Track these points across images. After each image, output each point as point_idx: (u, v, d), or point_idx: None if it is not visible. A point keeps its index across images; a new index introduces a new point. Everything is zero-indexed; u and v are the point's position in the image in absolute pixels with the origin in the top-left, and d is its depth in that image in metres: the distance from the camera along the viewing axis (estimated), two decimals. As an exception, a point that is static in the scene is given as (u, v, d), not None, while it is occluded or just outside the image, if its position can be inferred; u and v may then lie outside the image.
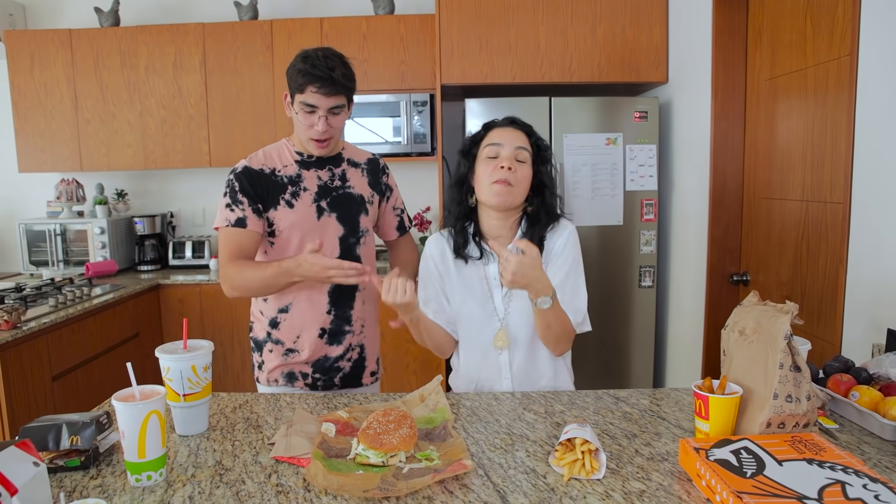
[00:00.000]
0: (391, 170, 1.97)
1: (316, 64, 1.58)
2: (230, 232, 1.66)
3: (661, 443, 1.19)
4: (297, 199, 1.70)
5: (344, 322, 1.77)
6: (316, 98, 1.59)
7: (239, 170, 1.69)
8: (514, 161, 1.50)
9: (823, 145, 2.00)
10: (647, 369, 3.15)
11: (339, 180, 1.76)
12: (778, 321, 1.15)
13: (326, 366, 1.78)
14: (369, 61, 3.47)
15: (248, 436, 1.25)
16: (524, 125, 1.59)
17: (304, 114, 1.62)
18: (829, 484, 0.91)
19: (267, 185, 1.68)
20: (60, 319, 2.56)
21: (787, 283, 2.24)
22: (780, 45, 2.27)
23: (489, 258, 1.58)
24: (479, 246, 1.59)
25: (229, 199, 1.67)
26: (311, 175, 1.73)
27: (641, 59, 3.08)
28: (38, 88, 3.56)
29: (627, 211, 3.03)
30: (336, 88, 1.60)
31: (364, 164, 1.83)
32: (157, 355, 1.22)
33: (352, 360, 1.81)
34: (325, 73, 1.58)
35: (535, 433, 1.25)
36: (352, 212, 1.75)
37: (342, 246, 1.74)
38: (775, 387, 1.11)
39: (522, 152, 1.52)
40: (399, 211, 1.93)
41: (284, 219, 1.69)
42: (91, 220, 3.57)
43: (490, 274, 1.58)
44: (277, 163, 1.72)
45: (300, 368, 1.77)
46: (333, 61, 1.61)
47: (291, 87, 1.63)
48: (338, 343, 1.77)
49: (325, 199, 1.72)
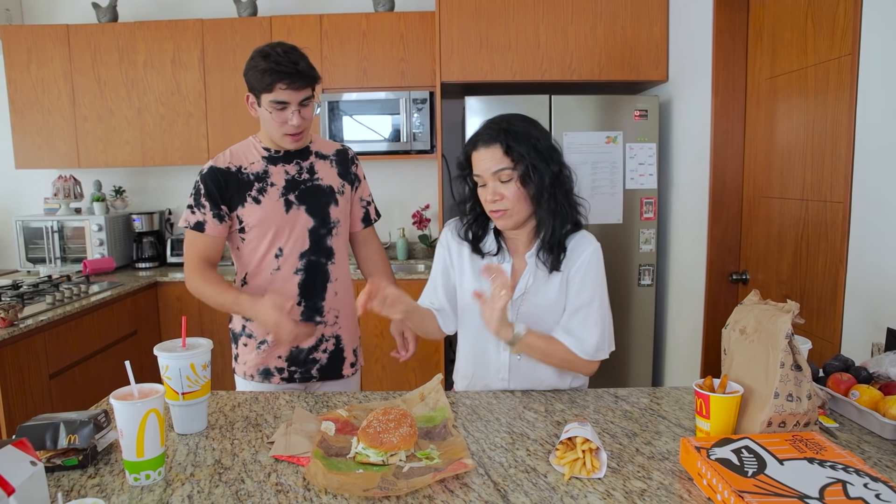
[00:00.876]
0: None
1: (280, 61, 1.58)
2: (191, 234, 1.72)
3: (662, 441, 1.19)
4: (263, 194, 1.71)
5: (315, 313, 1.77)
6: (287, 94, 1.60)
7: (205, 171, 1.70)
8: (498, 185, 1.42)
9: (824, 144, 2.00)
10: (647, 368, 3.15)
11: (308, 173, 1.76)
12: (779, 320, 1.15)
13: (301, 358, 1.78)
14: (369, 58, 3.46)
15: (248, 434, 1.24)
16: (497, 135, 1.42)
17: (276, 112, 1.62)
18: (830, 483, 0.91)
19: (233, 184, 1.70)
20: (58, 317, 2.55)
21: (787, 281, 2.24)
22: (780, 43, 2.26)
23: (505, 256, 1.54)
24: (499, 242, 1.54)
25: (192, 200, 1.71)
26: (279, 170, 1.73)
27: (642, 57, 3.08)
28: (34, 84, 3.55)
29: (627, 209, 3.03)
30: (305, 81, 1.62)
31: (332, 156, 1.83)
32: (156, 353, 1.22)
33: (327, 352, 1.81)
34: (292, 68, 1.59)
35: (535, 432, 1.24)
36: (321, 203, 1.76)
37: (312, 238, 1.75)
38: (776, 386, 1.11)
39: (503, 172, 1.41)
40: (366, 202, 1.92)
41: (252, 215, 1.70)
42: (89, 218, 3.56)
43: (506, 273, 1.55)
44: (244, 160, 1.73)
45: (275, 364, 1.78)
46: (294, 54, 1.62)
47: (256, 88, 1.63)
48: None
49: (293, 193, 1.73)
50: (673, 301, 3.07)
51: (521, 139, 1.41)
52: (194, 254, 1.71)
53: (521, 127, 1.44)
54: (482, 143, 1.44)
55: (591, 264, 1.48)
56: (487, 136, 1.43)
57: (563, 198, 1.46)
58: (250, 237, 1.73)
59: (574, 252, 1.49)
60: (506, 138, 1.41)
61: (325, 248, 1.77)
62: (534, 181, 1.41)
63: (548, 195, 1.43)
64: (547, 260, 1.47)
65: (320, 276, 1.77)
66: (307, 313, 1.76)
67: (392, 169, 3.82)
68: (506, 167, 1.41)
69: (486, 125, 1.47)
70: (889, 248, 1.63)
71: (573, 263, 1.49)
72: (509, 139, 1.41)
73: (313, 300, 1.77)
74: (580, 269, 1.48)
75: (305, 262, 1.75)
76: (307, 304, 1.76)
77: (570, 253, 1.49)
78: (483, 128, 1.47)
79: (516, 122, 1.45)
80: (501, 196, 1.43)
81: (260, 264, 1.74)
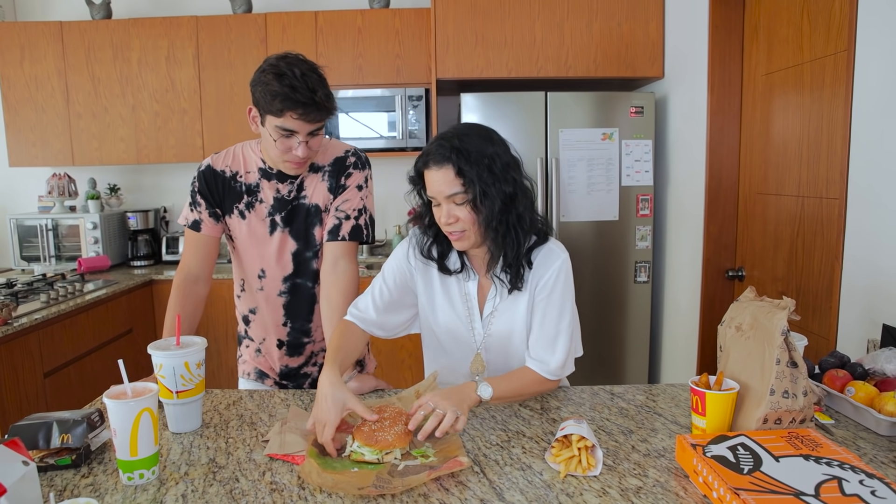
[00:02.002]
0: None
1: (295, 86, 1.39)
2: (189, 233, 1.64)
3: (658, 439, 1.19)
4: (251, 210, 1.61)
5: (302, 335, 1.70)
6: (297, 124, 1.43)
7: (203, 168, 1.62)
8: (453, 207, 1.33)
9: (819, 141, 2.00)
10: (643, 364, 3.16)
11: (297, 190, 1.61)
12: (775, 317, 1.15)
13: (292, 374, 1.74)
14: (364, 55, 3.45)
15: (242, 433, 1.24)
16: (449, 155, 1.31)
17: (281, 139, 1.45)
18: (825, 480, 0.91)
19: (224, 190, 1.61)
20: (52, 315, 2.54)
21: (783, 278, 2.24)
22: (776, 40, 2.26)
23: (470, 274, 1.46)
24: (462, 259, 1.46)
25: (191, 198, 1.63)
26: (271, 186, 1.60)
27: (638, 54, 3.07)
28: (28, 81, 3.53)
29: (623, 206, 3.03)
30: (320, 114, 1.45)
31: (328, 167, 1.62)
32: (150, 352, 1.21)
33: (318, 365, 1.75)
34: (308, 98, 1.40)
35: (531, 430, 1.24)
36: (305, 224, 1.62)
37: (296, 261, 1.63)
38: (772, 383, 1.11)
39: (457, 196, 1.31)
40: (342, 214, 1.60)
41: (237, 230, 1.63)
42: (83, 216, 3.54)
43: (471, 291, 1.46)
44: (242, 166, 1.61)
45: (271, 372, 1.76)
46: (312, 79, 1.43)
47: (263, 107, 1.44)
48: (297, 354, 1.72)
49: (280, 213, 1.60)
50: (669, 298, 3.08)
51: (473, 160, 1.31)
52: (185, 258, 1.65)
53: (475, 145, 1.32)
54: (434, 162, 1.33)
55: (558, 282, 1.40)
56: (439, 156, 1.32)
57: (516, 222, 1.36)
58: (239, 248, 1.66)
59: (540, 268, 1.41)
60: (457, 159, 1.30)
61: (310, 272, 1.66)
62: (485, 207, 1.32)
63: (496, 222, 1.34)
64: (506, 279, 1.41)
65: (306, 298, 1.67)
66: (294, 335, 1.69)
67: (388, 166, 3.81)
68: (458, 191, 1.31)
69: (438, 141, 1.35)
70: (885, 244, 1.63)
71: (539, 279, 1.41)
72: (461, 161, 1.30)
73: (299, 322, 1.69)
74: (545, 288, 1.40)
75: (289, 285, 1.65)
76: (293, 325, 1.68)
77: (535, 268, 1.41)
78: (435, 144, 1.35)
79: (470, 139, 1.33)
80: (457, 218, 1.33)
81: (249, 279, 1.68)
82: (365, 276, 3.30)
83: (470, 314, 1.47)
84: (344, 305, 1.55)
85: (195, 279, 1.63)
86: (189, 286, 1.62)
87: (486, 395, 1.30)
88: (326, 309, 1.58)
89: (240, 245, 1.65)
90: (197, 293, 1.63)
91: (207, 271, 1.67)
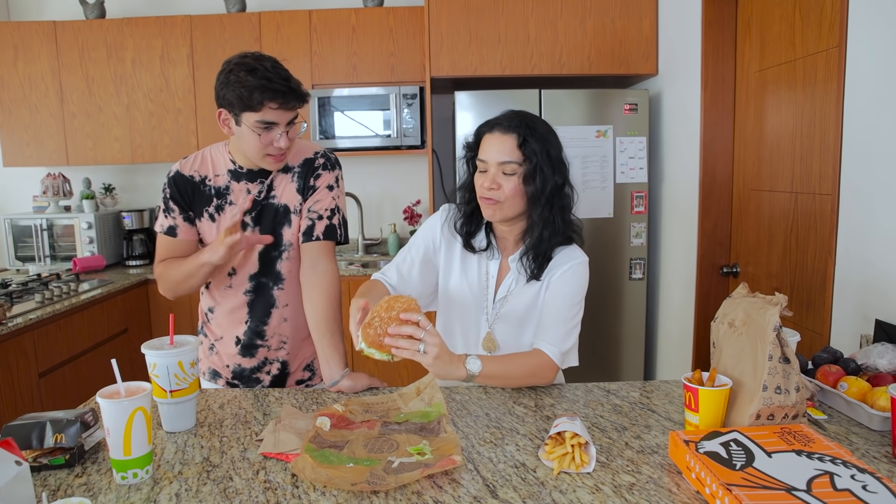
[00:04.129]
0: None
1: (270, 77, 1.41)
2: (163, 239, 1.63)
3: (652, 435, 1.19)
4: (220, 213, 1.60)
5: (256, 336, 1.67)
6: (276, 114, 1.44)
7: (172, 174, 1.61)
8: (500, 176, 1.40)
9: (812, 137, 2.00)
10: (638, 361, 3.16)
11: (266, 190, 1.61)
12: (767, 313, 1.15)
13: (244, 375, 1.71)
14: (358, 54, 3.44)
15: (236, 432, 1.24)
16: (518, 126, 1.39)
17: (263, 133, 1.46)
18: (817, 475, 0.92)
19: (193, 194, 1.60)
20: (47, 315, 2.53)
21: (777, 274, 2.25)
22: (769, 36, 2.27)
23: (494, 253, 1.52)
24: (489, 237, 1.52)
25: (163, 204, 1.62)
26: (241, 188, 1.60)
27: (631, 51, 3.08)
28: (22, 81, 3.51)
29: (618, 203, 3.04)
30: (297, 100, 1.47)
31: (297, 168, 1.63)
32: (143, 351, 1.21)
33: (270, 374, 1.71)
34: (284, 86, 1.43)
35: (524, 427, 1.24)
36: (275, 224, 1.62)
37: (262, 261, 1.63)
38: (764, 378, 1.11)
39: (510, 165, 1.39)
40: (315, 215, 1.61)
41: (207, 232, 1.62)
42: (78, 215, 3.53)
43: (490, 271, 1.52)
44: (210, 169, 1.61)
45: (224, 372, 1.72)
46: (282, 70, 1.46)
47: (237, 105, 1.44)
48: (250, 356, 1.69)
49: (249, 214, 1.60)
50: (664, 294, 3.08)
51: (538, 138, 1.38)
52: (164, 257, 1.64)
53: (542, 128, 1.42)
54: (500, 128, 1.40)
55: (576, 275, 1.45)
56: (507, 124, 1.40)
57: (559, 212, 1.43)
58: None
59: (558, 262, 1.47)
60: (524, 131, 1.38)
61: (274, 272, 1.64)
62: (536, 183, 1.38)
63: (545, 201, 1.40)
64: (529, 267, 1.46)
65: (266, 299, 1.65)
66: (249, 335, 1.67)
67: (383, 165, 3.82)
68: (514, 161, 1.38)
69: (510, 112, 1.44)
70: (877, 240, 1.64)
71: (555, 272, 1.46)
72: (527, 133, 1.38)
73: (256, 323, 1.66)
74: (563, 276, 1.45)
75: (255, 284, 1.65)
76: (250, 325, 1.66)
77: (554, 263, 1.47)
78: (505, 115, 1.44)
79: (538, 123, 1.43)
80: (499, 186, 1.39)
81: (216, 277, 1.66)
82: (360, 274, 3.30)
83: (486, 292, 1.52)
84: (327, 306, 1.57)
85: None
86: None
87: (475, 368, 1.32)
88: (310, 310, 1.59)
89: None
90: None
91: None
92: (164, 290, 1.64)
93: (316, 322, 1.57)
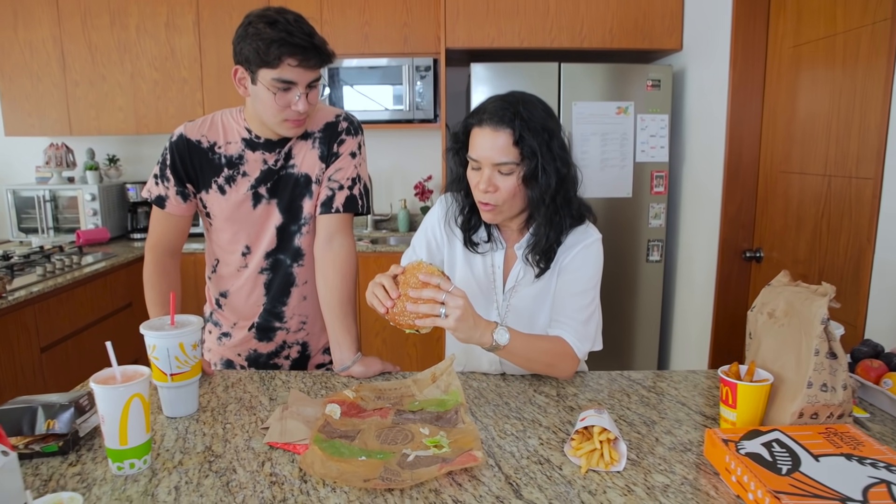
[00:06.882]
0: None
1: (291, 31, 1.27)
2: (155, 212, 1.50)
3: (683, 431, 1.12)
4: (231, 184, 1.46)
5: (273, 318, 1.56)
6: (296, 73, 1.30)
7: (174, 138, 1.45)
8: (496, 176, 1.25)
9: (851, 117, 1.89)
10: (653, 346, 3.09)
11: (284, 159, 1.47)
12: (814, 304, 1.06)
13: (260, 362, 1.60)
14: (371, 23, 3.32)
15: (241, 418, 1.17)
16: (512, 119, 1.21)
17: (280, 94, 1.32)
18: (873, 484, 0.84)
19: (200, 163, 1.45)
20: (49, 289, 2.47)
21: (805, 260, 2.16)
22: (806, 9, 2.14)
23: (497, 244, 1.39)
24: (489, 230, 1.39)
25: (158, 169, 1.47)
26: (256, 157, 1.46)
27: (655, 24, 2.94)
28: (22, 48, 3.41)
29: (637, 183, 2.93)
30: (320, 58, 1.32)
31: (318, 133, 1.49)
32: (142, 332, 1.13)
33: (290, 359, 1.61)
34: (306, 41, 1.28)
35: (547, 418, 1.17)
36: (294, 195, 1.48)
37: (280, 236, 1.50)
38: (809, 374, 1.03)
39: (505, 166, 1.23)
40: (336, 185, 1.48)
41: (216, 205, 1.48)
42: (82, 187, 3.45)
43: (496, 262, 1.40)
44: (221, 136, 1.46)
45: (237, 360, 1.61)
46: (305, 24, 1.31)
47: (254, 61, 1.30)
48: (267, 340, 1.58)
49: (265, 185, 1.47)
50: (682, 278, 2.99)
51: (536, 131, 1.21)
52: (154, 233, 1.50)
53: (539, 115, 1.23)
54: (490, 122, 1.23)
55: (589, 256, 1.34)
56: (499, 118, 1.22)
57: (564, 205, 1.29)
58: (216, 226, 1.51)
59: (569, 244, 1.34)
60: (520, 126, 1.21)
61: (292, 248, 1.52)
62: (539, 183, 1.24)
63: (549, 200, 1.26)
64: (535, 262, 1.34)
65: (284, 276, 1.53)
66: (265, 317, 1.56)
67: (394, 139, 3.71)
68: (510, 161, 1.23)
69: (500, 102, 1.25)
70: (921, 226, 1.54)
71: (566, 255, 1.34)
72: (524, 128, 1.21)
73: (273, 303, 1.55)
74: (575, 259, 1.34)
75: (272, 261, 1.52)
76: (267, 306, 1.55)
77: (564, 245, 1.34)
78: (495, 104, 1.25)
79: (534, 108, 1.24)
80: (495, 188, 1.25)
81: (228, 258, 1.54)
82: (370, 251, 3.22)
83: (493, 285, 1.41)
84: (342, 285, 1.48)
85: (171, 254, 1.53)
86: (166, 262, 1.51)
87: (503, 340, 1.21)
88: (323, 288, 1.49)
89: (218, 223, 1.50)
90: (175, 270, 1.54)
91: (179, 247, 1.56)
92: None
93: (328, 302, 1.48)
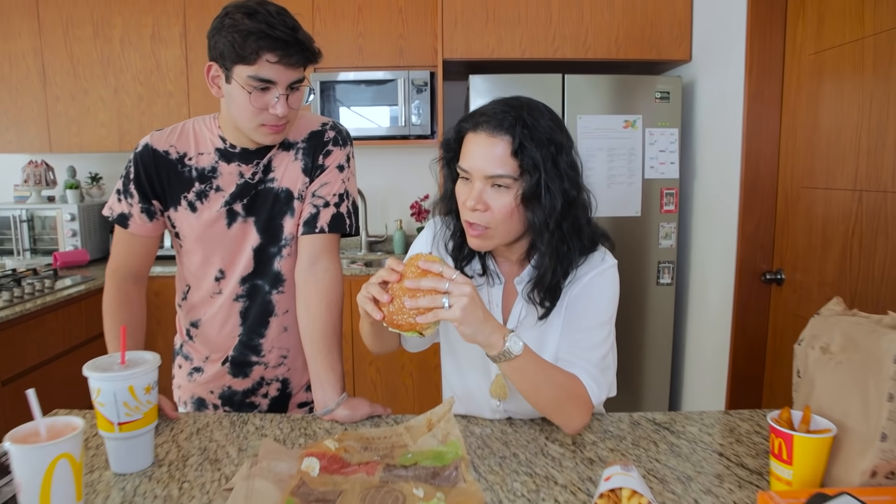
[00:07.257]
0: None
1: (272, 23, 1.12)
2: (118, 232, 1.33)
3: (726, 489, 0.94)
4: (203, 201, 1.30)
5: (250, 351, 1.38)
6: (275, 70, 1.15)
7: (139, 149, 1.30)
8: (487, 191, 1.06)
9: (885, 127, 1.74)
10: (664, 376, 2.90)
11: (262, 172, 1.31)
12: (883, 338, 0.89)
13: (235, 400, 1.42)
14: (365, 35, 3.18)
15: (202, 475, 0.99)
16: (512, 124, 1.03)
17: (256, 93, 1.16)
18: None
19: (168, 176, 1.29)
20: (14, 315, 2.28)
21: (833, 283, 1.99)
22: (828, 12, 2.00)
23: (494, 279, 1.20)
24: (484, 262, 1.20)
25: (121, 185, 1.31)
26: (231, 170, 1.30)
27: (663, 34, 2.81)
28: (1, 61, 3.26)
29: (646, 201, 2.77)
30: (302, 55, 1.17)
31: (301, 143, 1.33)
32: (85, 374, 0.96)
33: (268, 397, 1.43)
34: (288, 35, 1.13)
35: (563, 473, 0.99)
36: (273, 213, 1.32)
37: (257, 259, 1.34)
38: (883, 425, 0.86)
39: (501, 179, 1.04)
40: (320, 201, 1.32)
41: (185, 224, 1.32)
42: (61, 206, 3.28)
43: (493, 300, 1.20)
44: (192, 146, 1.31)
45: (209, 398, 1.44)
46: (289, 17, 1.17)
47: (229, 56, 1.14)
48: (243, 376, 1.40)
49: (241, 201, 1.30)
50: (695, 302, 2.82)
51: (541, 142, 1.03)
52: (117, 257, 1.34)
53: (546, 125, 1.05)
54: (487, 127, 1.05)
55: (604, 283, 1.15)
56: (497, 123, 1.04)
57: (574, 232, 1.09)
58: (187, 248, 1.35)
59: (579, 274, 1.15)
60: (522, 134, 1.02)
61: (271, 273, 1.35)
62: (542, 205, 1.04)
63: (554, 226, 1.06)
64: (539, 301, 1.13)
65: (261, 304, 1.36)
66: (240, 349, 1.38)
67: (389, 156, 3.56)
68: (507, 174, 1.04)
69: (501, 104, 1.07)
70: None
71: (576, 285, 1.15)
72: (525, 137, 1.02)
73: (249, 335, 1.37)
74: (586, 287, 1.14)
75: (248, 287, 1.35)
76: (242, 338, 1.38)
77: (575, 276, 1.15)
78: (495, 106, 1.07)
79: (541, 115, 1.06)
80: (485, 207, 1.05)
81: (199, 283, 1.36)
82: (364, 274, 3.04)
83: None
84: (326, 315, 1.29)
85: (135, 280, 1.35)
86: (129, 290, 1.34)
87: (516, 349, 0.99)
88: (305, 318, 1.31)
89: (189, 244, 1.34)
90: (139, 298, 1.36)
91: (145, 272, 1.39)
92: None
93: (310, 334, 1.30)
